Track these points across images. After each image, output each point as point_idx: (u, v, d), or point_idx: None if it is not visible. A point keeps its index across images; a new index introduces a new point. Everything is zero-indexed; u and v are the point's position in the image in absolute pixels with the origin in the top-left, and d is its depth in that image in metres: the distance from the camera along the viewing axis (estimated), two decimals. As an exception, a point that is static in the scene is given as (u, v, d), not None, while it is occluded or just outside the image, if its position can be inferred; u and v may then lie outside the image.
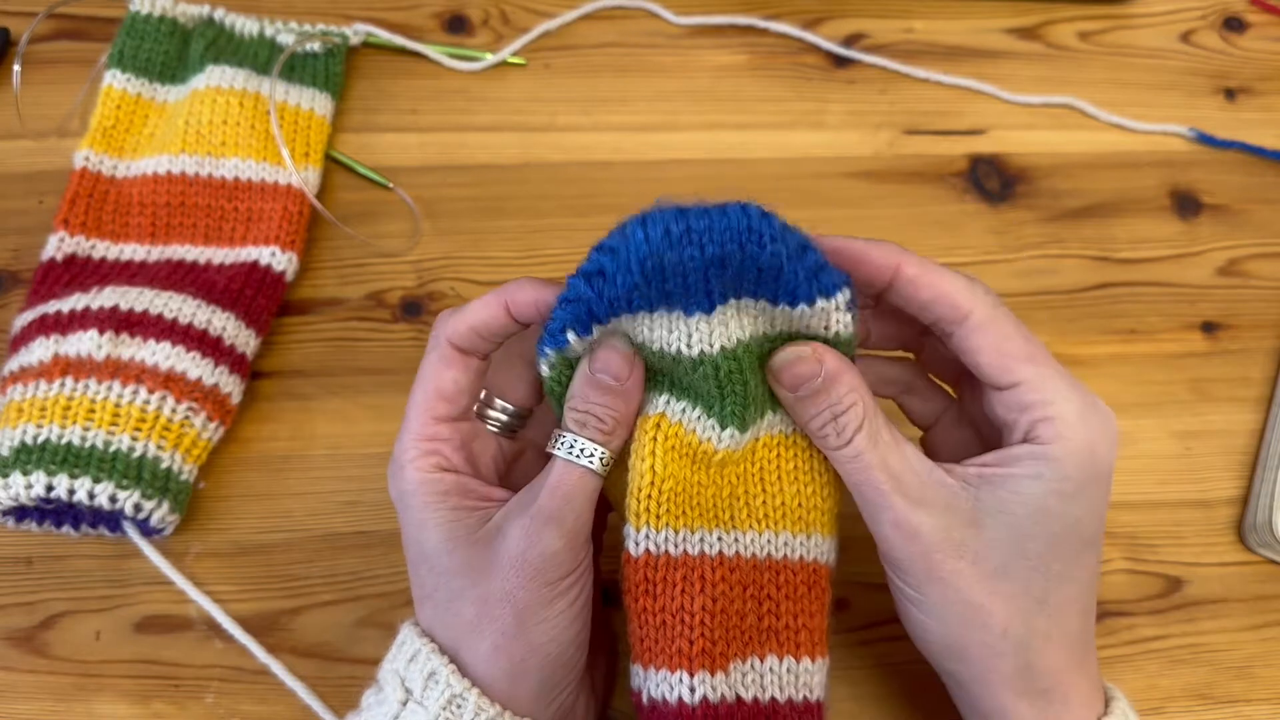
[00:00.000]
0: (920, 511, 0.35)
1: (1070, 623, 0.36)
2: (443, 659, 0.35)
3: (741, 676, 0.37)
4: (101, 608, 0.45)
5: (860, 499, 0.36)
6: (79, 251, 0.51)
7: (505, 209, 0.56)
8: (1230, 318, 0.55)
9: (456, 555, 0.36)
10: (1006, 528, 0.35)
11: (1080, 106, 0.61)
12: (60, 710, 0.44)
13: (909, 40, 0.63)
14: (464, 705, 0.35)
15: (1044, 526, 0.35)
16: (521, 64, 0.60)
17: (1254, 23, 0.65)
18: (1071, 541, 0.35)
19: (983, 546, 0.35)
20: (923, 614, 0.36)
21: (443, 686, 0.35)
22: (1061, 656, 0.36)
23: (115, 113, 0.55)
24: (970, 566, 0.35)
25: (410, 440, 0.37)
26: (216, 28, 0.57)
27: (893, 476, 0.35)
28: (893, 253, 0.37)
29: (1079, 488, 0.35)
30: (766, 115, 0.60)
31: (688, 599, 0.36)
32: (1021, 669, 0.35)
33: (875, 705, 0.45)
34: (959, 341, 0.37)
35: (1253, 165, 0.60)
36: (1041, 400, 0.35)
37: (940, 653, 0.37)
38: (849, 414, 0.36)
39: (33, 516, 0.45)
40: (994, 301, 0.37)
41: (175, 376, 0.46)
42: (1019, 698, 0.35)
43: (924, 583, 0.35)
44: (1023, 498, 0.35)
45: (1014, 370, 0.36)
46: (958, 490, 0.35)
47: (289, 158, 0.53)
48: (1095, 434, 0.35)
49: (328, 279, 0.54)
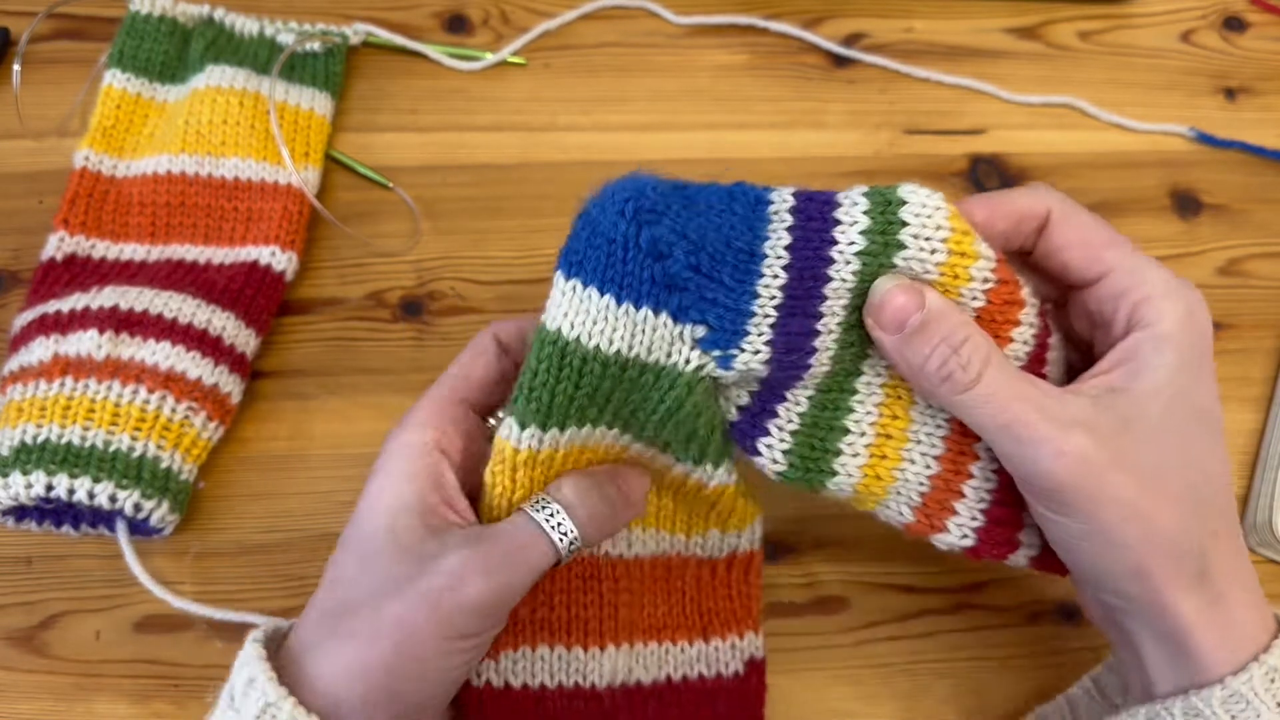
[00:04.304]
0: (1075, 434, 0.33)
1: (1227, 512, 0.35)
2: (264, 665, 0.33)
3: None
4: (101, 608, 0.45)
5: (1004, 438, 0.34)
6: (79, 251, 0.51)
7: (505, 209, 0.56)
8: (1230, 318, 0.55)
9: (388, 549, 0.34)
10: (1149, 426, 0.33)
11: (1080, 106, 0.61)
12: (60, 710, 0.43)
13: (909, 40, 0.63)
14: (279, 715, 0.32)
15: (1179, 413, 0.34)
16: (521, 64, 0.60)
17: (1254, 23, 0.65)
18: (1205, 423, 0.34)
19: (1135, 452, 0.33)
20: (1097, 544, 0.34)
21: (259, 693, 0.32)
22: (1230, 555, 0.34)
23: (115, 112, 0.55)
24: (1130, 477, 0.33)
25: (425, 403, 0.37)
26: (216, 27, 0.57)
27: (1038, 407, 0.33)
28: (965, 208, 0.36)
29: (1198, 359, 0.34)
30: (766, 115, 0.60)
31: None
32: (1198, 575, 0.34)
33: (875, 705, 0.45)
34: (1042, 248, 0.36)
35: (1253, 165, 0.60)
36: (1136, 282, 0.35)
37: (1122, 578, 0.34)
38: (968, 345, 0.34)
39: (32, 516, 0.45)
40: (1063, 197, 0.36)
41: (175, 376, 0.46)
42: (1199, 608, 0.34)
43: (1094, 506, 0.33)
44: (1155, 387, 0.34)
45: (1103, 258, 0.35)
46: (1093, 405, 0.34)
47: (289, 157, 0.53)
48: (1191, 302, 0.35)
49: (328, 279, 0.54)
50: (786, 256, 0.34)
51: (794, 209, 0.35)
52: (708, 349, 0.34)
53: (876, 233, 0.34)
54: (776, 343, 0.35)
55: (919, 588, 0.47)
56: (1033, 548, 0.39)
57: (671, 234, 0.33)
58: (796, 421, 0.37)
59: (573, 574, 0.40)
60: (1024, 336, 0.37)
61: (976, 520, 0.38)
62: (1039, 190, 0.37)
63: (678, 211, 0.34)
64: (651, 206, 0.33)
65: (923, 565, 0.48)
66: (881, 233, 0.34)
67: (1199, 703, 0.33)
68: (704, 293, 0.34)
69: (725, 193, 0.35)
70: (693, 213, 0.34)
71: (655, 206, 0.33)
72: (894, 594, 0.47)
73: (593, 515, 0.35)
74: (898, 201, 0.34)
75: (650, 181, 0.34)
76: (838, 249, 0.34)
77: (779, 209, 0.35)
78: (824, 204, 0.35)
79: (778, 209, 0.35)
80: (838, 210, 0.35)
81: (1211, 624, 0.34)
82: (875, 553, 0.48)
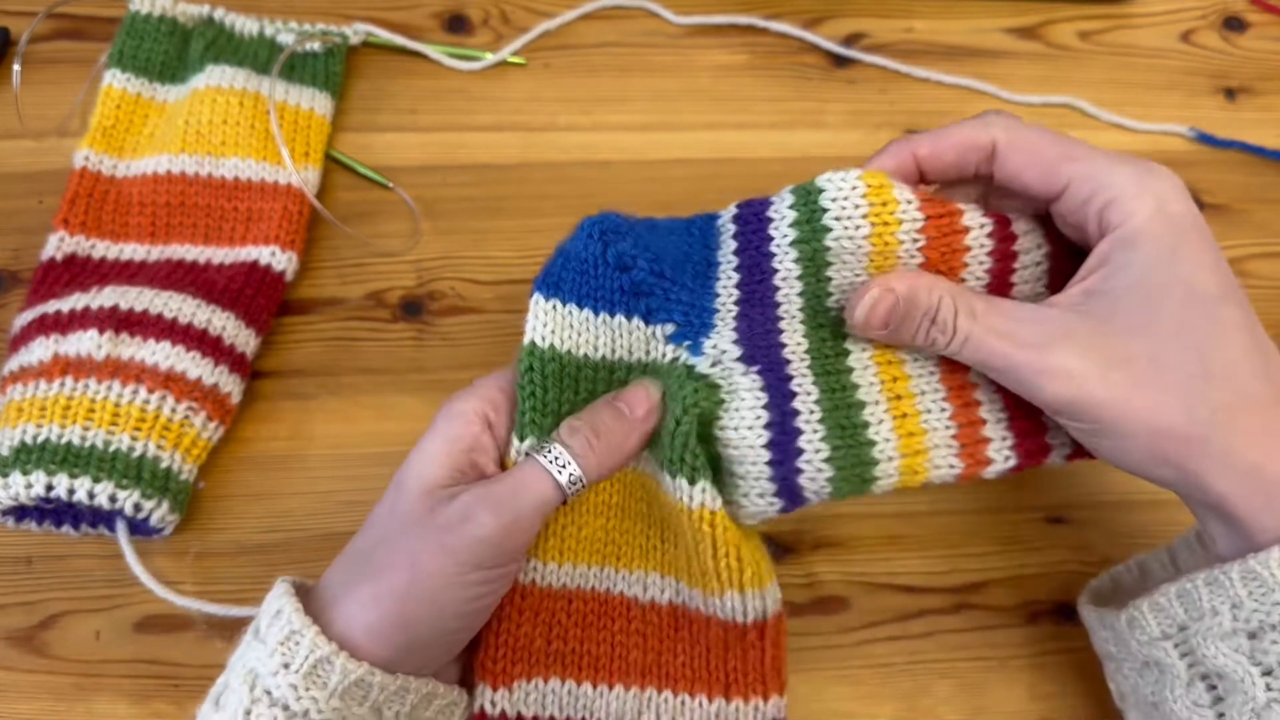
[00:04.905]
0: (1054, 351, 0.35)
1: (1247, 385, 0.35)
2: (292, 599, 0.35)
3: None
4: (101, 607, 0.45)
5: (999, 374, 0.36)
6: (79, 251, 0.51)
7: (505, 209, 0.56)
8: (1230, 317, 0.55)
9: (414, 497, 0.37)
10: (1132, 322, 0.34)
11: (1080, 106, 0.61)
12: (60, 710, 0.44)
13: (909, 40, 0.63)
14: (301, 641, 0.34)
15: (1163, 301, 0.34)
16: (521, 64, 0.60)
17: (1254, 23, 0.65)
18: (1196, 304, 0.35)
19: (1123, 349, 0.34)
20: (1112, 440, 0.35)
21: (284, 622, 0.35)
22: (1256, 422, 0.34)
23: (115, 112, 0.55)
24: (1122, 374, 0.34)
25: (487, 377, 0.41)
26: (216, 27, 0.57)
27: (1006, 336, 0.35)
28: (897, 148, 0.39)
29: (1171, 248, 0.35)
30: (766, 115, 0.60)
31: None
32: (1223, 451, 0.34)
33: (875, 705, 0.45)
34: (998, 176, 0.38)
35: (1253, 165, 0.60)
36: (1096, 187, 0.35)
37: (1149, 465, 0.35)
38: (942, 309, 0.36)
39: (32, 516, 0.45)
40: (1008, 124, 0.37)
41: (175, 376, 0.46)
42: (1233, 481, 0.34)
43: (1097, 412, 0.35)
44: (1130, 282, 0.35)
45: (1058, 173, 0.36)
46: (1070, 315, 0.35)
47: (289, 157, 0.53)
48: (1160, 192, 0.35)
49: (328, 279, 0.54)
50: (736, 259, 0.40)
51: (736, 217, 0.41)
52: (679, 342, 0.40)
53: (803, 222, 0.39)
54: (741, 329, 0.39)
55: (919, 588, 0.48)
56: (1065, 446, 0.40)
57: (634, 248, 0.39)
58: (817, 418, 0.39)
59: (587, 608, 0.40)
60: (978, 258, 0.40)
61: (1009, 438, 0.39)
62: (986, 119, 0.38)
63: (640, 233, 0.40)
64: (615, 228, 0.40)
65: (923, 565, 0.48)
66: (808, 221, 0.39)
67: (1257, 565, 0.34)
68: (668, 295, 0.40)
69: (684, 221, 0.41)
70: (654, 235, 0.40)
71: (619, 228, 0.40)
72: (894, 594, 0.47)
73: (588, 445, 0.38)
74: (816, 191, 0.39)
75: (617, 214, 0.40)
76: (774, 244, 0.40)
77: (724, 221, 0.41)
78: (759, 207, 0.40)
79: (724, 222, 0.41)
80: (770, 209, 0.40)
81: (1253, 492, 0.34)
82: (875, 553, 0.48)
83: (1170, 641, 0.36)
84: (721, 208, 0.42)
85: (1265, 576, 0.33)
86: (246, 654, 0.35)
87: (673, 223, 0.41)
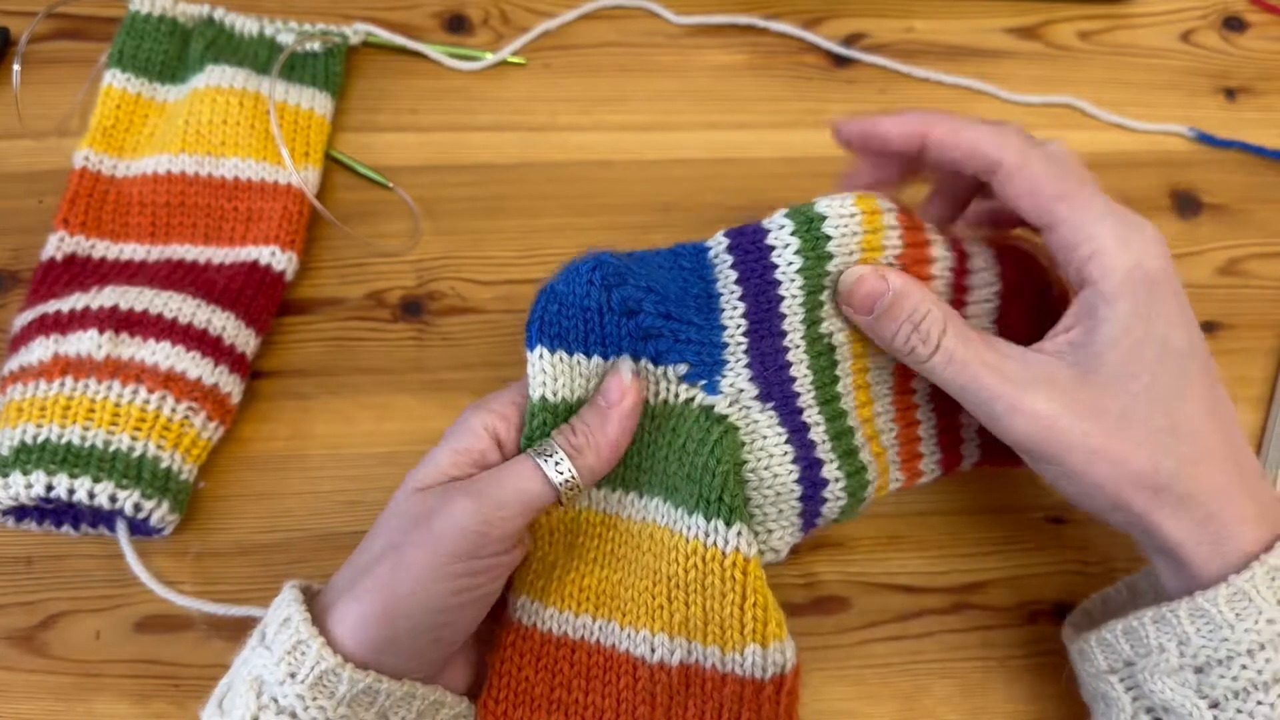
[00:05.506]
0: (1033, 392, 0.36)
1: (1209, 441, 0.36)
2: (300, 607, 0.36)
3: None
4: (101, 607, 0.45)
5: (973, 402, 0.37)
6: (79, 251, 0.51)
7: (505, 209, 0.56)
8: (1230, 317, 0.55)
9: (412, 503, 0.37)
10: (1109, 376, 0.36)
11: (1080, 106, 0.61)
12: (60, 710, 0.44)
13: (909, 40, 0.63)
14: (307, 652, 0.34)
15: (1140, 357, 0.36)
16: (521, 64, 0.60)
17: (1254, 22, 0.65)
18: (1170, 361, 0.36)
19: (1098, 402, 0.36)
20: (1075, 485, 0.37)
21: (292, 631, 0.35)
22: (1216, 476, 0.36)
23: (115, 112, 0.55)
24: (1096, 425, 0.35)
25: (496, 395, 0.40)
26: (216, 27, 0.57)
27: (994, 369, 0.36)
28: (912, 121, 0.39)
29: (1148, 305, 0.36)
30: (766, 115, 0.60)
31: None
32: (1179, 501, 0.35)
33: (875, 705, 0.45)
34: (999, 194, 0.38)
35: (1253, 165, 0.60)
36: (1081, 238, 0.36)
37: (1108, 510, 0.37)
38: (928, 320, 0.37)
39: (32, 516, 0.45)
40: (1022, 145, 0.38)
41: (175, 376, 0.46)
42: (1186, 528, 0.35)
43: (1063, 456, 0.36)
44: (1111, 338, 0.36)
45: (1050, 211, 0.37)
46: (1055, 362, 0.36)
47: (289, 157, 0.53)
48: (1138, 251, 0.36)
49: (328, 279, 0.54)
50: (739, 289, 0.39)
51: (730, 248, 0.39)
52: (693, 381, 0.39)
53: (808, 250, 0.39)
54: (754, 364, 0.39)
55: (919, 588, 0.48)
56: (972, 455, 0.44)
57: (638, 291, 0.38)
58: (829, 447, 0.40)
59: (590, 661, 0.39)
60: (937, 289, 0.41)
61: (936, 454, 0.43)
62: (1004, 133, 0.38)
63: (638, 273, 0.38)
64: (615, 271, 0.38)
65: (923, 565, 0.48)
66: (812, 249, 0.39)
67: (1205, 603, 0.35)
68: (678, 336, 0.39)
69: (669, 253, 0.40)
70: (645, 269, 0.39)
71: (618, 271, 0.38)
72: (894, 594, 0.47)
73: (576, 441, 0.38)
74: (818, 218, 0.39)
75: (605, 254, 0.38)
76: (780, 272, 0.39)
77: (717, 252, 0.39)
78: (755, 235, 0.39)
79: (716, 253, 0.40)
80: (768, 237, 0.39)
81: (1202, 540, 0.35)
82: (875, 553, 0.48)
83: (1116, 675, 0.37)
84: (721, 208, 0.42)
85: (1213, 614, 0.35)
86: (252, 659, 0.36)
87: (658, 255, 0.40)
